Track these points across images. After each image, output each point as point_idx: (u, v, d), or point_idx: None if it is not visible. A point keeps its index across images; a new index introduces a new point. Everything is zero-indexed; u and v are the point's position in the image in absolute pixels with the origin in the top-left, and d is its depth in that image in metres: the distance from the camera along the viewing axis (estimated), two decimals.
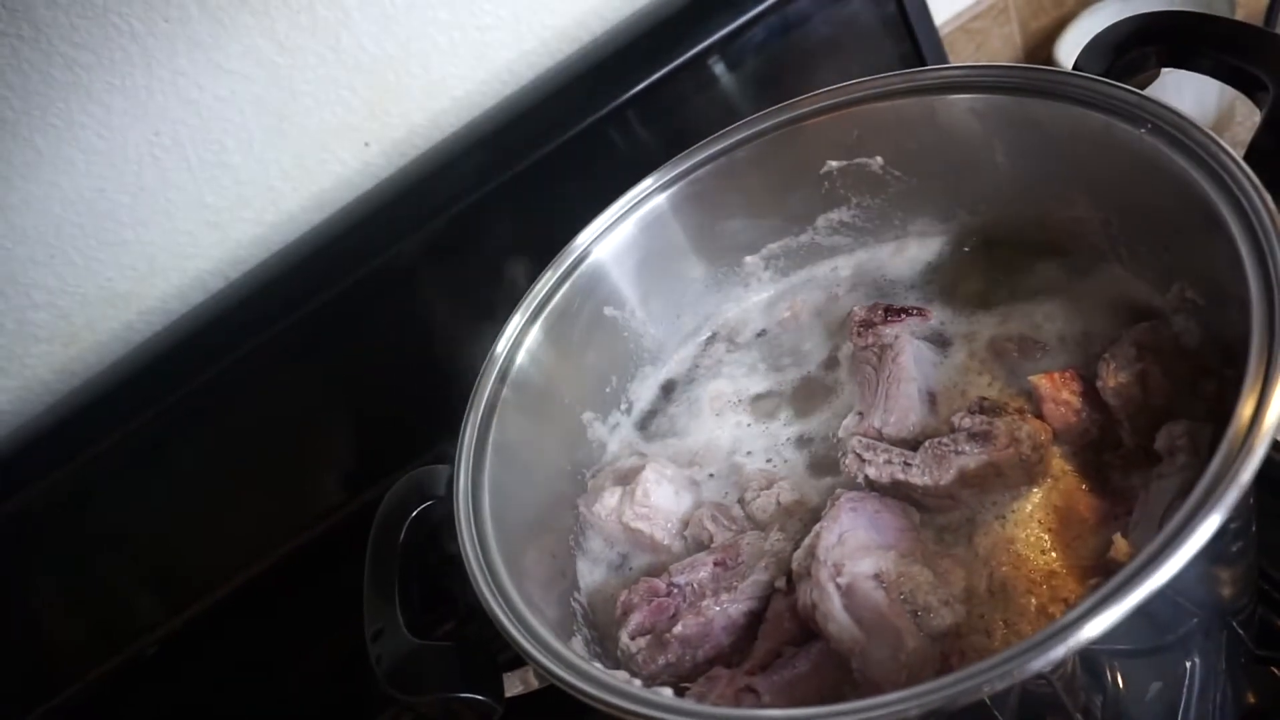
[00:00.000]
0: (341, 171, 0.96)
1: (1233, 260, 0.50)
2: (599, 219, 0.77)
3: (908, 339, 0.70)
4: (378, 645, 0.58)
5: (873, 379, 0.70)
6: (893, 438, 0.66)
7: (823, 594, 0.54)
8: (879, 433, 0.67)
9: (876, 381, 0.69)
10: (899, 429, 0.66)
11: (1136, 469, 0.57)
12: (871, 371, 0.70)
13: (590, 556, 0.72)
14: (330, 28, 0.89)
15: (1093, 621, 0.39)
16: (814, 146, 0.76)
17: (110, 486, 0.92)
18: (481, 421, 0.67)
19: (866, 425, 0.67)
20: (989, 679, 0.40)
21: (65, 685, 0.92)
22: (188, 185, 0.90)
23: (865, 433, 0.67)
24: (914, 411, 0.67)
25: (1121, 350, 0.59)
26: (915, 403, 0.67)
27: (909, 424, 0.66)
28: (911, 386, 0.68)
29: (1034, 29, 1.30)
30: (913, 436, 0.66)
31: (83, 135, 0.84)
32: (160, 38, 0.83)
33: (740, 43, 0.95)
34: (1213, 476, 0.42)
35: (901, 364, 0.68)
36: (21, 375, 0.93)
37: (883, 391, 0.68)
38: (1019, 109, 0.66)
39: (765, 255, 0.84)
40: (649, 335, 0.83)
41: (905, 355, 0.69)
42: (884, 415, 0.67)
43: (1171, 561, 0.39)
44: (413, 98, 0.95)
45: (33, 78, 0.80)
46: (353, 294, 0.91)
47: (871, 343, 0.71)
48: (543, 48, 0.98)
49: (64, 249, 0.89)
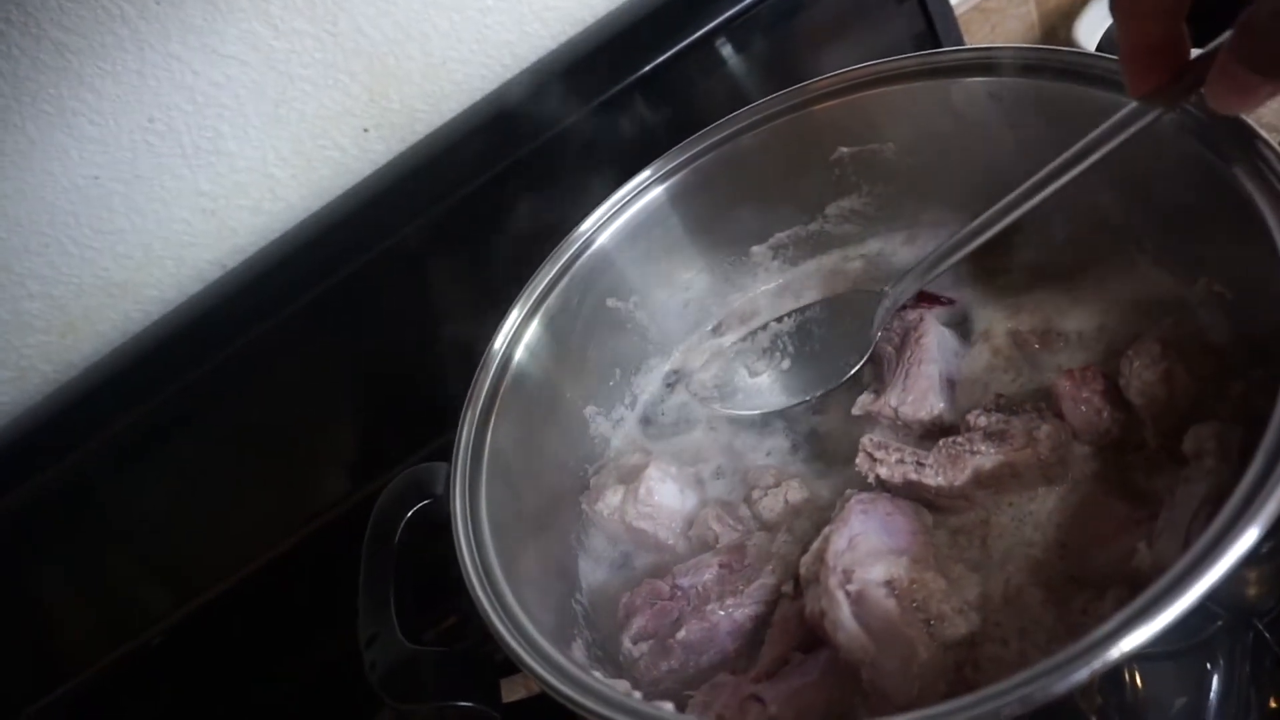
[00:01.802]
0: (340, 158, 0.94)
1: (1266, 252, 0.48)
2: (600, 208, 0.75)
3: (933, 322, 0.68)
4: (372, 651, 0.56)
5: (893, 359, 0.68)
6: (908, 419, 0.64)
7: (832, 602, 0.52)
8: (895, 412, 0.65)
9: (897, 362, 0.68)
10: (915, 410, 0.64)
11: (1160, 471, 0.55)
12: (893, 352, 0.68)
13: (592, 555, 0.70)
14: (328, 10, 0.87)
15: (1122, 641, 0.37)
16: (824, 132, 0.74)
17: (109, 478, 0.91)
18: (480, 418, 0.66)
19: (882, 403, 0.65)
20: (1009, 701, 0.38)
21: (71, 675, 0.92)
22: (183, 172, 0.89)
23: (880, 411, 0.65)
24: (933, 394, 0.65)
25: (1146, 347, 0.56)
26: (935, 385, 0.65)
27: (926, 406, 0.64)
28: (933, 369, 0.66)
29: (1052, 8, 1.26)
30: (930, 420, 0.64)
31: (75, 122, 0.83)
32: (152, 21, 0.81)
33: (748, 24, 0.92)
34: (1251, 485, 0.39)
35: (925, 345, 0.67)
36: (18, 366, 0.92)
37: (902, 371, 0.66)
38: (1038, 92, 0.64)
39: (773, 244, 0.82)
40: (653, 327, 0.81)
41: (929, 338, 0.67)
42: (901, 395, 0.65)
43: (1206, 578, 0.37)
44: (412, 82, 0.93)
45: (22, 63, 0.79)
46: (352, 283, 0.89)
47: (895, 326, 0.69)
48: (545, 30, 0.96)
49: (58, 238, 0.88)
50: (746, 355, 0.78)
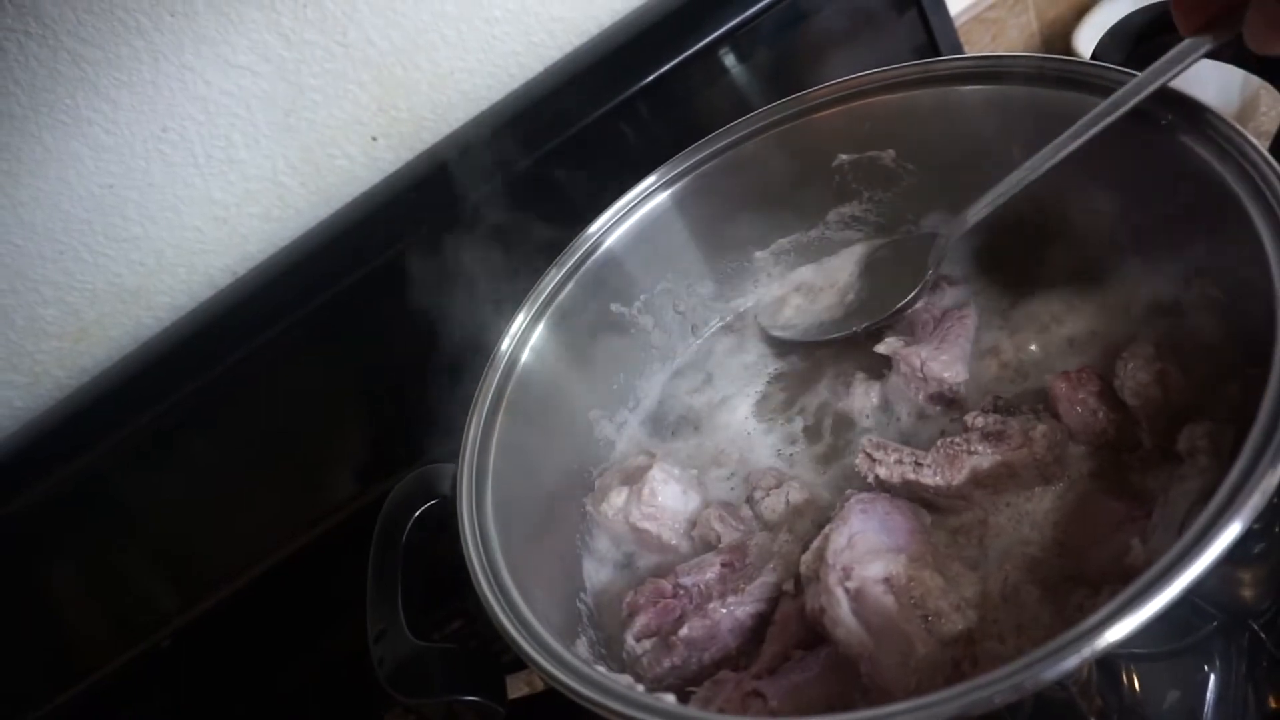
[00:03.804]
0: (348, 166, 0.95)
1: (1257, 255, 0.49)
2: (605, 214, 0.76)
3: (975, 310, 0.70)
4: (380, 647, 0.57)
5: (930, 325, 0.70)
6: (932, 375, 0.66)
7: (831, 598, 0.53)
8: (921, 363, 0.66)
9: (934, 327, 0.69)
10: (943, 369, 0.66)
11: (1155, 470, 0.56)
12: (931, 320, 0.70)
13: (597, 556, 0.71)
14: (337, 22, 0.88)
15: (1108, 631, 0.38)
16: (825, 139, 0.75)
17: (120, 482, 0.92)
18: (486, 420, 0.67)
19: (912, 351, 0.67)
20: (1001, 689, 0.39)
21: (82, 677, 0.92)
22: (195, 181, 0.90)
23: (906, 357, 0.67)
24: (961, 362, 0.66)
25: (1140, 348, 0.57)
26: (966, 356, 0.67)
27: (954, 370, 0.66)
28: (967, 345, 0.68)
29: (1051, 18, 1.27)
30: (950, 385, 0.66)
31: (90, 131, 0.84)
32: (167, 32, 0.82)
33: (751, 33, 0.93)
34: (1235, 481, 0.40)
35: (966, 324, 0.69)
36: (32, 371, 0.94)
37: (940, 334, 0.68)
38: (1035, 100, 0.65)
39: (775, 250, 0.83)
40: (657, 331, 0.82)
41: (971, 319, 0.69)
42: (934, 351, 0.67)
43: (1190, 571, 0.38)
44: (420, 92, 0.95)
45: (40, 74, 0.80)
46: (359, 288, 0.90)
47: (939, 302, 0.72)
48: (551, 40, 0.97)
49: (73, 245, 0.89)
50: (811, 292, 0.80)
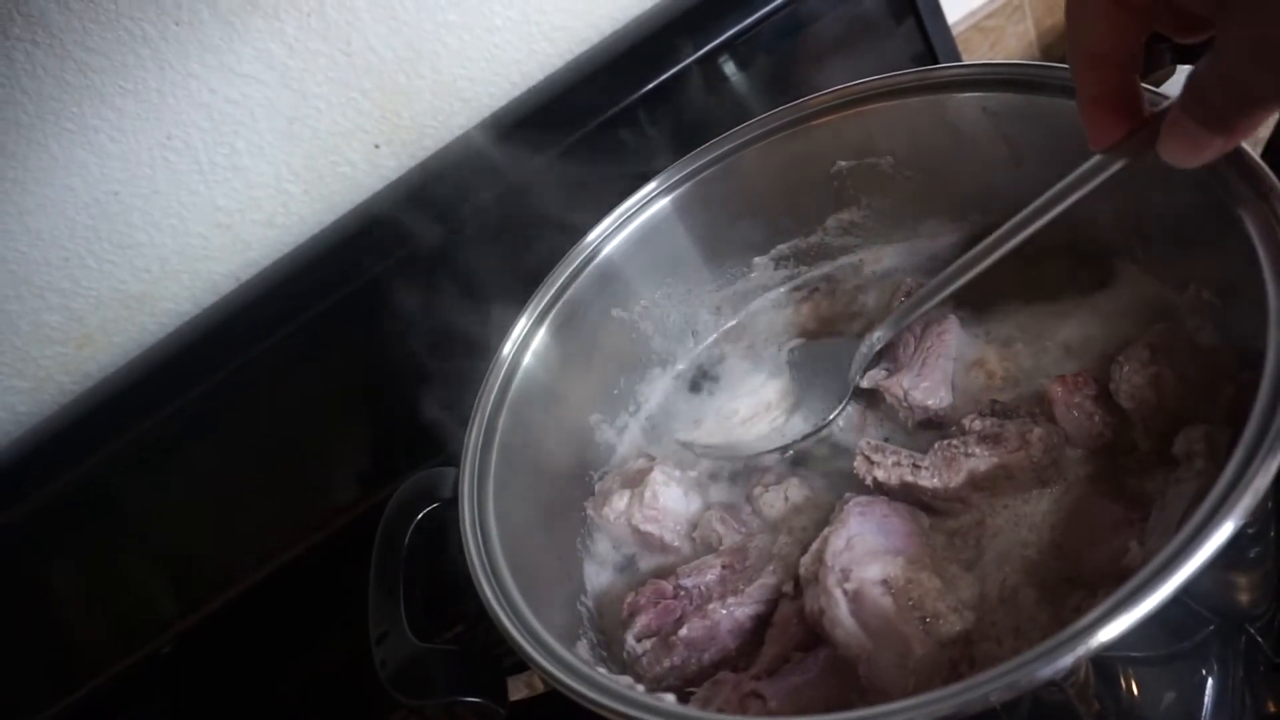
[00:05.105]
0: (351, 173, 0.96)
1: (1250, 261, 0.49)
2: (606, 220, 0.76)
3: (955, 323, 0.70)
4: (382, 648, 0.58)
5: (910, 345, 0.70)
6: (916, 404, 0.66)
7: (830, 600, 0.53)
8: (904, 393, 0.66)
9: (915, 349, 0.69)
10: (925, 397, 0.66)
11: (1152, 473, 0.56)
12: (911, 340, 0.70)
13: (597, 559, 0.71)
14: (341, 30, 0.89)
15: (1103, 630, 0.38)
16: (824, 146, 0.76)
17: (123, 488, 0.92)
18: (487, 424, 0.67)
19: (895, 382, 0.67)
20: (997, 687, 0.39)
21: (84, 682, 0.93)
22: (200, 188, 0.91)
23: (890, 389, 0.67)
24: (944, 387, 0.67)
25: (1136, 353, 0.58)
26: (948, 378, 0.67)
27: (936, 396, 0.66)
28: (949, 365, 0.68)
29: (1049, 26, 1.28)
30: (935, 411, 0.66)
31: (96, 139, 0.85)
32: (172, 41, 0.83)
33: (751, 41, 0.94)
34: (1228, 481, 0.41)
35: (945, 341, 0.69)
36: (36, 377, 0.94)
37: (920, 358, 0.68)
38: (1032, 107, 0.65)
39: (774, 256, 0.83)
40: (657, 336, 0.82)
41: (950, 335, 0.69)
42: (915, 379, 0.67)
43: (1183, 570, 0.38)
44: (423, 99, 0.95)
45: (46, 82, 0.81)
46: (361, 295, 0.91)
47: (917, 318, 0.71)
48: (552, 48, 0.98)
49: (78, 252, 0.90)
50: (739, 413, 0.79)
